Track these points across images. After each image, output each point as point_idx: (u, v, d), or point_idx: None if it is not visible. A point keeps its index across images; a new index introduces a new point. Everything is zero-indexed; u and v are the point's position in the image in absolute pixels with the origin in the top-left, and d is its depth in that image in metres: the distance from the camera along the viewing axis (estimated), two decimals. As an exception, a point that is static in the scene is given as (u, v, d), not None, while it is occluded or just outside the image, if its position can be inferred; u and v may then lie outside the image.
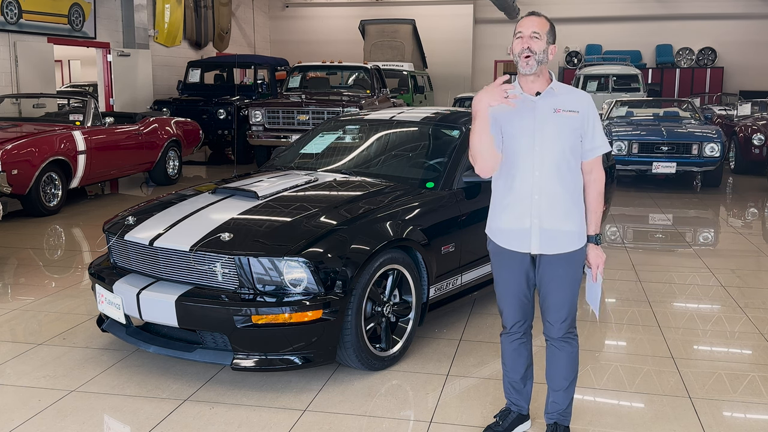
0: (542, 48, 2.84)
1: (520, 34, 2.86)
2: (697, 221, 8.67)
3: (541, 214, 2.90)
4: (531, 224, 2.91)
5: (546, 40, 2.85)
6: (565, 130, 2.88)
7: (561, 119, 2.88)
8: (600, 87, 15.41)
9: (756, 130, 12.09)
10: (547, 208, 2.90)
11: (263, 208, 4.03)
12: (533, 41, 2.83)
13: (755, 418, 3.45)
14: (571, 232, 2.92)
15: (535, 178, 2.89)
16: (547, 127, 2.88)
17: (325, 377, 3.80)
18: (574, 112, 2.89)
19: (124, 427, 3.34)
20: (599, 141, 2.94)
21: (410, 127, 5.30)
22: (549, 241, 2.91)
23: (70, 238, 7.53)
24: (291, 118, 11.76)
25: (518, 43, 2.85)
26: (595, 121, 2.94)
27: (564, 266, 2.94)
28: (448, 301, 4.39)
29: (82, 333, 4.46)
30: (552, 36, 2.89)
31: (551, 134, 2.87)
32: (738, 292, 5.52)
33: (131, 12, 14.65)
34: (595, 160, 2.97)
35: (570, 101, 2.91)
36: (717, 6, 20.79)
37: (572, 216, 2.92)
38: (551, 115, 2.88)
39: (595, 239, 2.98)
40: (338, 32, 22.29)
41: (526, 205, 2.91)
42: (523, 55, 2.83)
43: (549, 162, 2.87)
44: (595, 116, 2.94)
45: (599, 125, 2.96)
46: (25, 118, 9.75)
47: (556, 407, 3.07)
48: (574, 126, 2.89)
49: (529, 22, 2.87)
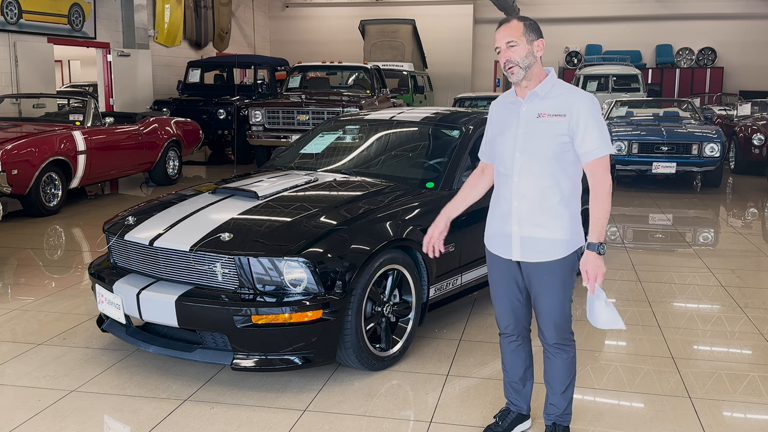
0: (523, 54, 2.79)
1: (497, 48, 2.84)
2: (697, 221, 8.67)
3: (521, 221, 2.86)
4: (512, 231, 2.88)
5: (526, 41, 2.79)
6: (547, 135, 2.79)
7: (544, 125, 2.80)
8: (600, 87, 15.42)
9: (756, 130, 12.09)
10: (527, 215, 2.84)
11: (263, 208, 4.03)
12: (511, 51, 2.79)
13: (755, 418, 3.45)
14: (553, 240, 2.83)
15: (514, 183, 2.85)
16: (530, 134, 2.83)
17: (325, 377, 3.80)
18: (560, 116, 2.79)
19: (124, 427, 3.34)
20: (594, 144, 2.77)
21: (410, 127, 5.30)
22: (529, 248, 2.86)
23: (70, 238, 7.53)
24: (291, 118, 11.76)
25: (500, 58, 2.85)
26: (589, 123, 2.77)
27: (547, 274, 2.86)
28: (448, 301, 4.39)
29: (82, 333, 4.46)
30: (532, 33, 2.81)
31: (533, 141, 2.81)
32: (738, 292, 5.52)
33: (131, 12, 14.65)
34: (594, 163, 2.79)
35: (558, 105, 2.81)
36: (717, 6, 20.79)
37: (556, 224, 2.82)
38: (533, 120, 2.83)
39: (597, 248, 2.78)
40: (338, 32, 22.28)
41: (507, 211, 2.89)
42: (507, 68, 2.82)
43: (530, 168, 2.82)
44: (588, 117, 2.77)
45: (598, 126, 2.78)
46: (25, 118, 9.76)
47: (555, 409, 3.07)
48: (559, 131, 2.78)
49: (501, 33, 2.83)
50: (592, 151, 2.79)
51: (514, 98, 2.93)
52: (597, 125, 2.79)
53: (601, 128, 2.80)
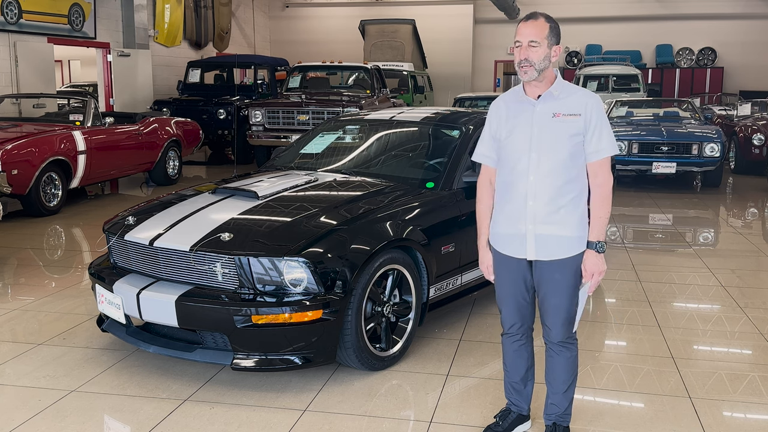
0: (542, 56, 2.76)
1: (518, 43, 2.79)
2: (697, 221, 8.67)
3: (536, 220, 2.86)
4: (526, 230, 2.88)
5: (547, 45, 2.77)
6: (563, 135, 2.81)
7: (560, 124, 2.81)
8: (600, 87, 15.42)
9: (756, 130, 12.09)
10: (542, 213, 2.85)
11: (263, 208, 4.03)
12: (531, 51, 2.76)
13: (755, 418, 3.45)
14: (567, 237, 2.85)
15: (530, 183, 2.85)
16: (545, 133, 2.83)
17: (325, 377, 3.80)
18: (575, 115, 2.80)
19: (124, 427, 3.34)
20: (604, 143, 2.82)
21: (410, 127, 5.31)
22: (544, 246, 2.87)
23: (70, 238, 7.53)
24: (291, 118, 11.76)
25: (516, 53, 2.81)
26: (600, 123, 2.81)
27: (560, 271, 2.88)
28: (448, 301, 4.39)
29: (82, 333, 4.46)
30: (554, 37, 2.79)
31: (549, 140, 2.82)
32: (738, 292, 5.52)
33: (131, 12, 14.65)
34: (600, 163, 2.83)
35: (571, 104, 2.82)
36: (717, 6, 20.78)
37: (569, 222, 2.85)
38: (549, 120, 2.83)
39: (596, 246, 2.84)
40: (338, 32, 22.28)
41: (521, 211, 2.88)
42: (521, 66, 2.79)
43: (545, 168, 2.83)
44: (599, 117, 2.82)
45: (606, 127, 2.83)
46: (25, 118, 9.76)
47: (555, 409, 3.07)
48: (575, 131, 2.80)
49: (526, 29, 2.78)
50: (599, 151, 2.82)
51: (522, 97, 2.90)
52: (607, 126, 2.86)
53: (609, 129, 2.87)
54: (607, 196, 2.86)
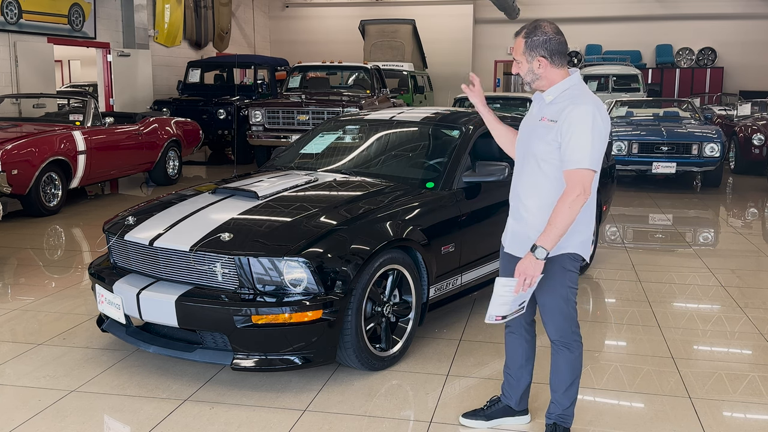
0: (525, 71, 2.90)
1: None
2: (697, 221, 8.67)
3: (515, 218, 3.03)
4: (509, 225, 3.09)
5: (526, 61, 2.86)
6: (540, 138, 2.87)
7: (541, 128, 2.88)
8: (600, 87, 15.43)
9: (756, 130, 12.09)
10: (519, 212, 2.99)
11: (263, 208, 4.03)
12: (516, 66, 2.93)
13: (755, 418, 3.45)
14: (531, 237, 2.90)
15: (515, 181, 3.04)
16: (530, 134, 2.95)
17: (325, 377, 3.80)
18: (553, 121, 2.82)
19: (124, 427, 3.34)
20: (569, 155, 2.73)
21: (410, 127, 5.30)
22: (519, 245, 2.99)
23: (70, 238, 7.53)
24: (291, 118, 11.76)
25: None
26: (574, 134, 2.72)
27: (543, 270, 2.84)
28: (448, 301, 4.39)
29: (82, 333, 4.46)
30: (534, 50, 2.82)
31: (531, 141, 2.93)
32: (738, 292, 5.52)
33: (131, 12, 14.65)
34: (567, 174, 2.75)
35: (555, 110, 2.83)
36: (717, 6, 20.78)
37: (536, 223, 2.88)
38: (536, 122, 2.93)
39: (535, 250, 2.73)
40: (338, 32, 22.28)
41: (512, 205, 3.07)
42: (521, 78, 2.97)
43: (526, 168, 2.96)
44: (575, 128, 2.72)
45: (579, 139, 2.72)
46: (25, 118, 9.75)
47: (556, 408, 3.08)
48: (550, 137, 2.81)
49: (513, 46, 2.94)
50: (564, 162, 2.78)
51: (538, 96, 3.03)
52: (581, 138, 2.73)
53: (582, 142, 2.72)
54: (566, 208, 2.71)
